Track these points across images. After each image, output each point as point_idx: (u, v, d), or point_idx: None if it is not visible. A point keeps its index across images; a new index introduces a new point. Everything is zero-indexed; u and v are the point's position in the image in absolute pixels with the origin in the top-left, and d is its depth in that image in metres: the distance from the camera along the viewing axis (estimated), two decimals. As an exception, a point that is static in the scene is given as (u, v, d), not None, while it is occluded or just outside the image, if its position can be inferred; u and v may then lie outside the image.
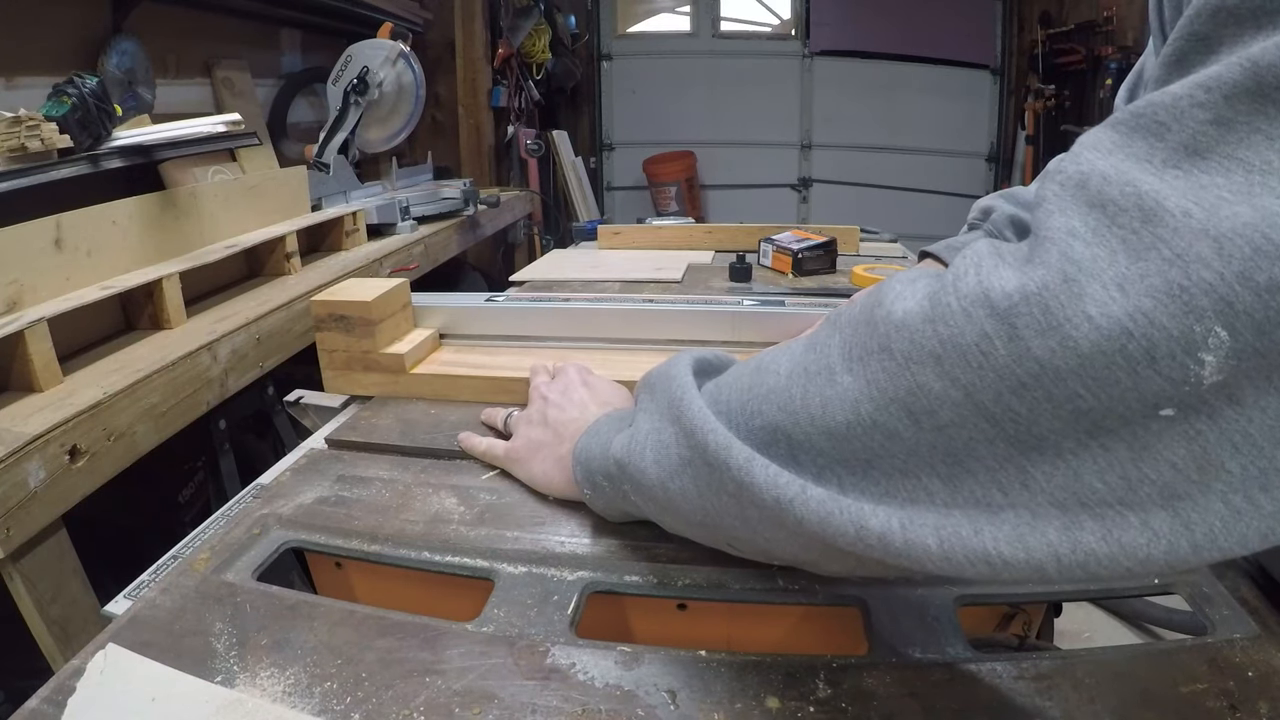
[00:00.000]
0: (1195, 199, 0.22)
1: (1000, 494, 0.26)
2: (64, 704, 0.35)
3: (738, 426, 0.33)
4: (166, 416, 0.91)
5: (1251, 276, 0.21)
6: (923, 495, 0.27)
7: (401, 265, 1.65)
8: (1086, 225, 0.24)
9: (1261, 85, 0.22)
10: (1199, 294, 0.21)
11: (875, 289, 0.31)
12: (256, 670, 0.38)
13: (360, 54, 1.71)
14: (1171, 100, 0.24)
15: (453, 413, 0.66)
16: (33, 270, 0.93)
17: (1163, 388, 0.22)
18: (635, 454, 0.39)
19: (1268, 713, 0.34)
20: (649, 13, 4.06)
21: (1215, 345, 0.21)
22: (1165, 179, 0.23)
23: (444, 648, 0.39)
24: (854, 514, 0.28)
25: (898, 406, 0.27)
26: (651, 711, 0.35)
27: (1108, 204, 0.24)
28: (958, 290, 0.26)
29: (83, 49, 1.37)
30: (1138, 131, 0.25)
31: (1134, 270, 0.23)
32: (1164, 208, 0.23)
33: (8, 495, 0.69)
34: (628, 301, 0.82)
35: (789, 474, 0.30)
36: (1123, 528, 0.24)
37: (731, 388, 0.35)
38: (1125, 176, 0.24)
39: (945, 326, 0.26)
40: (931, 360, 0.26)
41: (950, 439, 0.26)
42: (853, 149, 3.99)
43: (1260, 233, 0.21)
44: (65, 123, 1.05)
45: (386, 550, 0.48)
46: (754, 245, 1.23)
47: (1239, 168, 0.22)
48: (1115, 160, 0.25)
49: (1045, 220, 0.25)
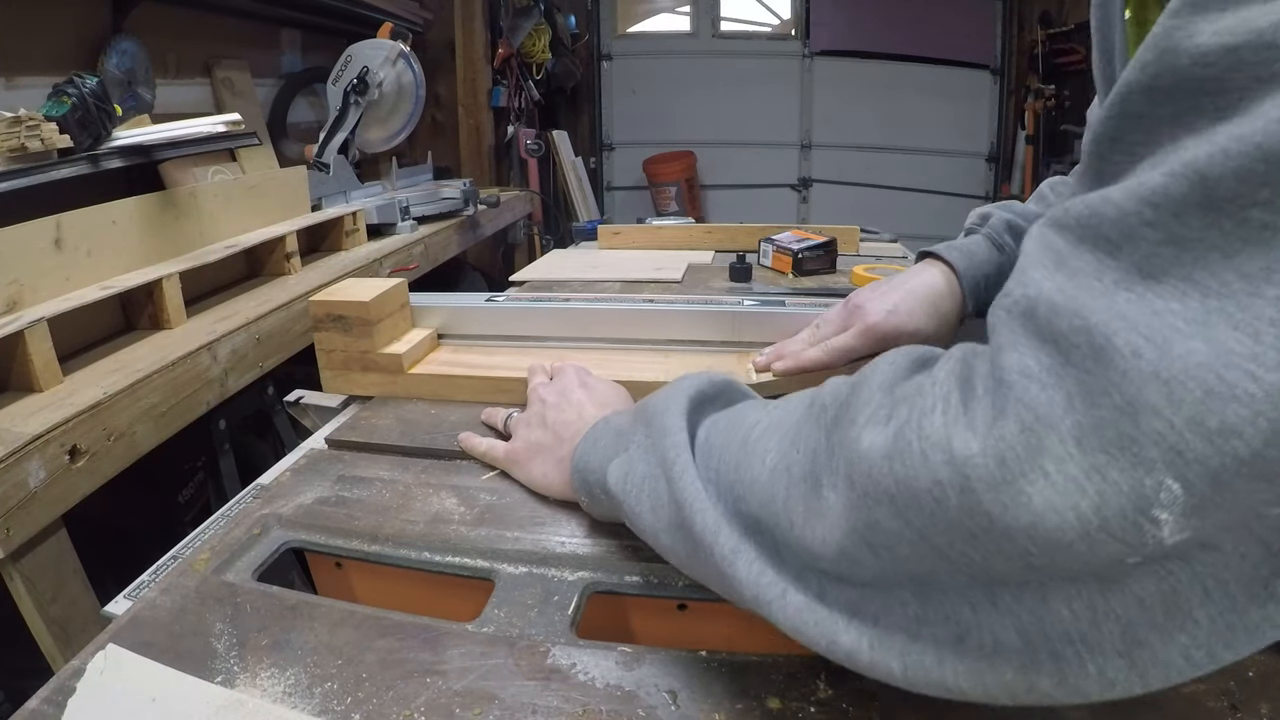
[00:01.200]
0: (1147, 333, 0.21)
1: (970, 610, 0.25)
2: (64, 704, 0.35)
3: (726, 502, 0.33)
4: (166, 416, 0.91)
5: (1203, 421, 0.20)
6: (897, 606, 0.27)
7: (401, 265, 1.65)
8: (1040, 364, 0.23)
9: (1211, 198, 0.21)
10: (1148, 445, 0.20)
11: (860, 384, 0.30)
12: (257, 671, 0.38)
13: (360, 54, 1.71)
14: (1118, 215, 0.23)
15: (452, 413, 0.66)
16: (33, 270, 0.93)
17: (1117, 549, 0.21)
18: (630, 495, 0.39)
19: (1268, 713, 0.34)
20: (649, 13, 4.05)
21: (1169, 500, 0.20)
22: (1116, 305, 0.22)
23: (444, 648, 0.39)
24: (827, 628, 0.28)
25: (858, 538, 0.27)
26: (652, 712, 0.35)
27: (1059, 339, 0.23)
28: (921, 430, 0.25)
29: (83, 49, 1.37)
30: (1085, 244, 0.23)
31: (1089, 419, 0.21)
32: (1114, 345, 0.21)
33: (8, 495, 0.69)
34: (628, 301, 0.82)
35: (771, 573, 0.30)
36: (1079, 675, 0.23)
37: (721, 456, 0.35)
38: (1074, 304, 0.23)
39: (902, 466, 0.25)
40: (887, 499, 0.26)
41: (913, 568, 0.26)
42: (853, 149, 3.99)
43: (1214, 373, 0.20)
44: (65, 123, 1.04)
45: (387, 550, 0.48)
46: (754, 245, 1.23)
47: (1195, 291, 0.21)
48: (1061, 281, 0.23)
49: (1000, 357, 0.24)
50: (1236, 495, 0.20)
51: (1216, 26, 0.22)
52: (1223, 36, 0.22)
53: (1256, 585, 0.21)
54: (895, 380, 0.29)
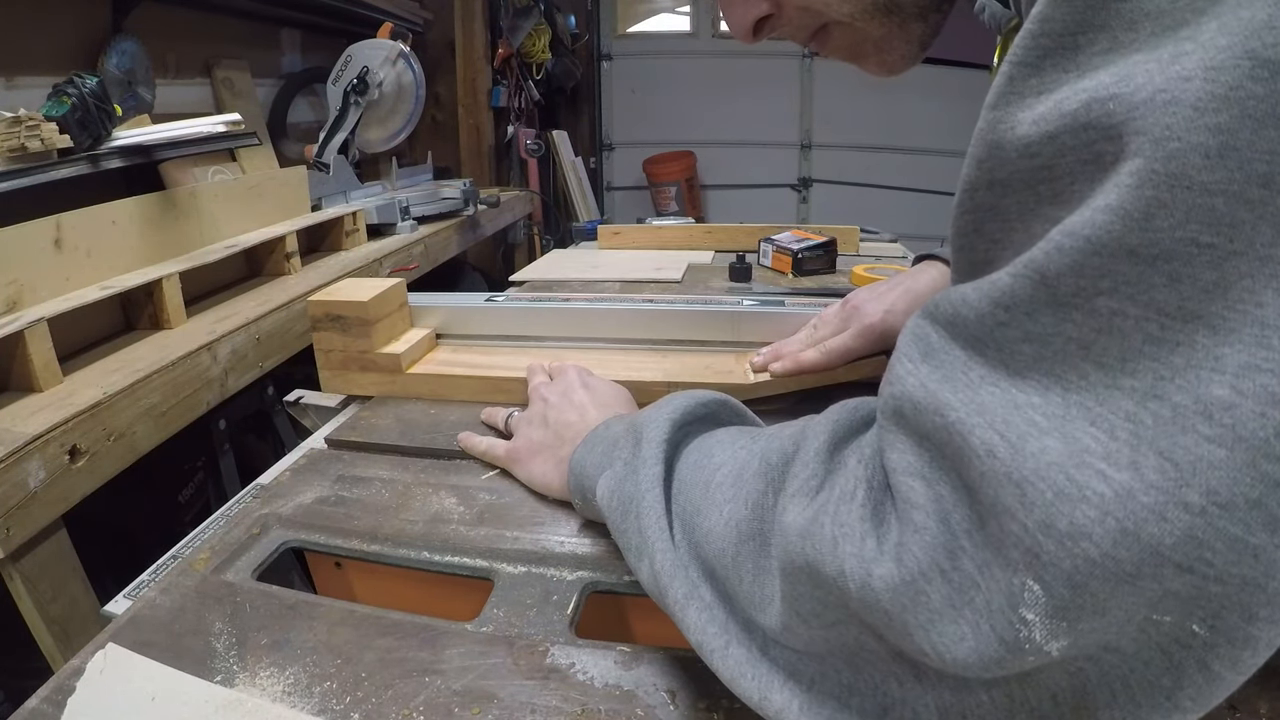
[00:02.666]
0: (1002, 429, 0.21)
1: (896, 685, 0.25)
2: (64, 704, 0.35)
3: (690, 544, 0.33)
4: (166, 416, 0.91)
5: (1053, 524, 0.19)
6: (831, 672, 0.27)
7: (401, 265, 1.65)
8: (921, 459, 0.23)
9: (1057, 296, 0.21)
10: (1010, 546, 0.20)
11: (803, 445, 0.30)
12: (256, 670, 0.38)
13: (360, 54, 1.71)
14: (976, 318, 0.23)
15: (452, 413, 0.66)
16: (33, 270, 0.93)
17: (1002, 655, 0.21)
18: (615, 513, 0.39)
19: (1267, 713, 0.34)
20: (649, 13, 4.05)
21: (1032, 600, 0.20)
22: (977, 399, 0.22)
23: (443, 647, 0.39)
24: (762, 684, 0.28)
25: (789, 605, 0.27)
26: (651, 711, 0.35)
27: (929, 436, 0.23)
28: (837, 514, 0.25)
29: (83, 49, 1.37)
30: (956, 340, 0.23)
31: (975, 514, 0.21)
32: (970, 446, 0.21)
33: (8, 495, 0.69)
34: (628, 301, 0.82)
35: (718, 623, 0.31)
36: None
37: (689, 496, 0.35)
38: (933, 402, 0.23)
39: (814, 549, 0.25)
40: (804, 574, 0.26)
41: (841, 636, 0.26)
42: (853, 149, 3.99)
43: (1064, 473, 0.19)
44: (65, 123, 1.04)
45: (386, 550, 0.48)
46: (754, 245, 1.23)
47: (1057, 386, 0.21)
48: (925, 375, 0.23)
49: (885, 457, 0.25)
50: (1098, 598, 0.19)
51: (1034, 115, 0.22)
52: (1041, 125, 0.22)
53: (1160, 695, 0.21)
54: (832, 446, 0.29)
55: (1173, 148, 0.19)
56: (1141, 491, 0.19)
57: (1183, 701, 0.20)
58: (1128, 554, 0.19)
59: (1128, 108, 0.20)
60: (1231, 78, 0.18)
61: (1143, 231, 0.19)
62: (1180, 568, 0.19)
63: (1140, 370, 0.20)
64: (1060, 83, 0.22)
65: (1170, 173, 0.19)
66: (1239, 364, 0.18)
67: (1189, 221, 0.19)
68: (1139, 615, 0.20)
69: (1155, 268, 0.19)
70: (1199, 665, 0.20)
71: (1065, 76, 0.22)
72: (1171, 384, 0.19)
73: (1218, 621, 0.19)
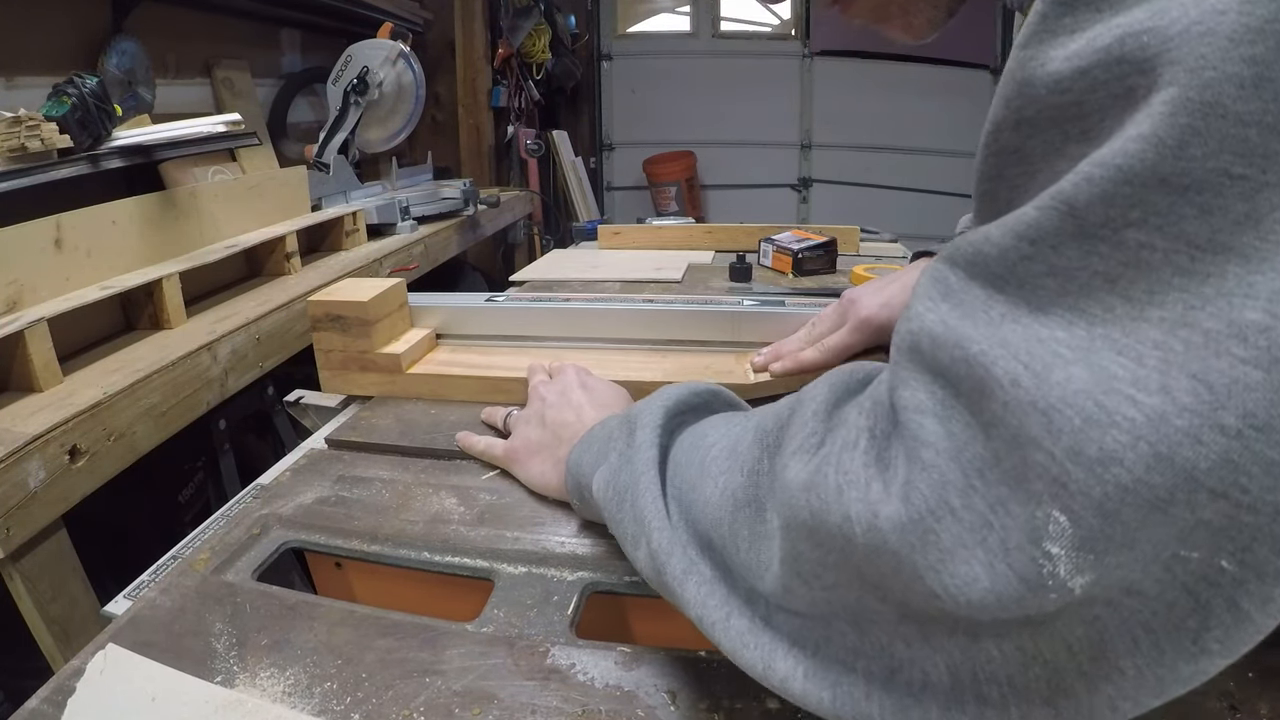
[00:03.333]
0: (1026, 359, 0.20)
1: (904, 646, 0.25)
2: (64, 704, 0.35)
3: (687, 520, 0.33)
4: (166, 416, 0.91)
5: (1082, 450, 0.19)
6: (836, 636, 0.26)
7: (401, 265, 1.65)
8: (934, 397, 0.22)
9: (1084, 227, 0.20)
10: (1033, 478, 0.20)
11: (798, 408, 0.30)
12: (256, 670, 0.38)
13: (360, 54, 1.71)
14: (999, 253, 0.22)
15: (452, 413, 0.66)
16: (33, 270, 0.93)
17: (1022, 594, 0.20)
18: (611, 504, 0.39)
19: (1268, 713, 0.34)
20: (649, 13, 4.05)
21: (1057, 534, 0.19)
22: (999, 334, 0.21)
23: (444, 648, 0.39)
24: (765, 653, 0.28)
25: (789, 567, 0.27)
26: (651, 712, 0.35)
27: (946, 372, 0.22)
28: (840, 463, 0.25)
29: (83, 49, 1.37)
30: (975, 280, 0.23)
31: (989, 451, 0.21)
32: (992, 376, 0.21)
33: (8, 495, 0.69)
34: (628, 301, 0.82)
35: (719, 595, 0.30)
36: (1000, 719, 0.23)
37: (684, 476, 0.35)
38: (954, 335, 0.22)
39: (818, 499, 0.25)
40: (806, 530, 0.25)
41: (843, 597, 0.25)
42: (853, 149, 3.99)
43: (1093, 399, 0.19)
44: (65, 123, 1.04)
45: (386, 550, 0.48)
46: (754, 245, 1.23)
47: (1081, 320, 0.20)
48: (945, 312, 0.23)
49: (896, 394, 0.24)
50: (1129, 528, 0.19)
51: (1067, 51, 0.22)
52: (1073, 60, 0.21)
53: (1185, 639, 0.20)
54: (831, 405, 0.29)
55: (1208, 77, 0.19)
56: (1175, 415, 0.18)
57: (1209, 644, 0.20)
58: (1161, 479, 0.18)
59: (1162, 40, 0.19)
60: (1267, 10, 0.18)
61: (1176, 160, 0.19)
62: (1214, 493, 0.18)
63: (1169, 302, 0.19)
64: (1094, 20, 0.21)
65: (1205, 101, 0.19)
66: (1273, 290, 0.18)
67: (1222, 152, 0.18)
68: (1166, 551, 0.19)
69: (1186, 199, 0.19)
70: (1227, 604, 0.19)
71: (1099, 15, 0.21)
72: (1202, 312, 0.19)
73: (1247, 555, 0.19)
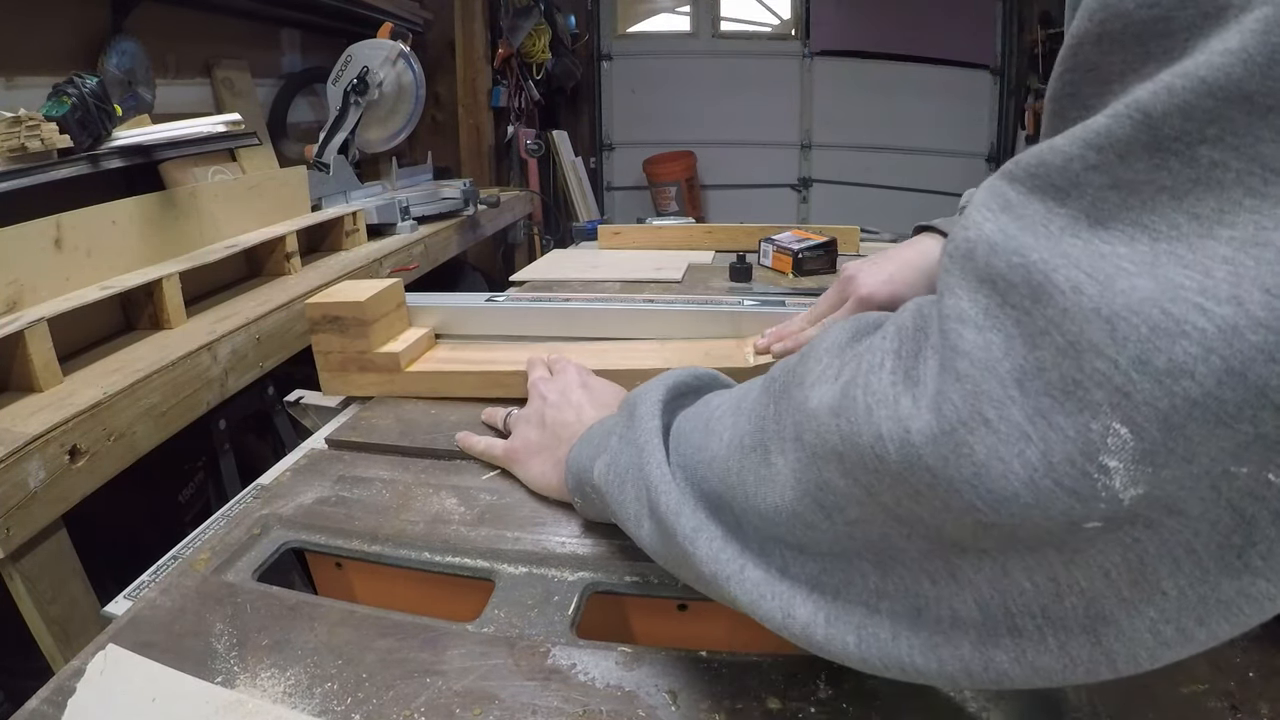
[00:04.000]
0: (1090, 270, 0.20)
1: (929, 583, 0.24)
2: (64, 704, 0.35)
3: (693, 484, 0.33)
4: (166, 416, 0.91)
5: (1149, 360, 0.18)
6: (857, 578, 0.26)
7: (401, 265, 1.65)
8: (977, 305, 0.22)
9: (1158, 139, 0.20)
10: (1092, 387, 0.19)
11: (809, 350, 0.30)
12: (257, 671, 0.38)
13: (360, 54, 1.71)
14: (1063, 162, 0.21)
15: (453, 413, 0.66)
16: (33, 270, 0.93)
17: (1070, 505, 0.20)
18: (613, 486, 0.39)
19: (1269, 713, 0.34)
20: (649, 13, 4.05)
21: (1116, 446, 0.19)
22: (1059, 247, 0.21)
23: (444, 648, 0.39)
24: (784, 602, 0.27)
25: (810, 500, 0.26)
26: (652, 712, 0.35)
27: (996, 279, 0.22)
28: (868, 385, 0.24)
29: (83, 49, 1.37)
30: (1035, 193, 0.22)
31: (1031, 361, 0.20)
32: (1052, 283, 0.20)
33: (8, 495, 0.68)
34: (628, 301, 0.82)
35: (732, 549, 0.30)
36: (1038, 651, 0.22)
37: (688, 441, 0.35)
38: (1013, 244, 0.21)
39: (848, 422, 0.24)
40: (834, 457, 0.25)
41: (866, 533, 0.25)
42: (853, 149, 3.99)
43: (1159, 307, 0.18)
44: (65, 123, 1.04)
45: (387, 551, 0.48)
46: (754, 245, 1.23)
47: (1144, 235, 0.20)
48: (1004, 223, 0.22)
49: (940, 304, 0.23)
50: (1192, 442, 0.18)
51: None
52: None
53: (1229, 555, 0.20)
54: (845, 342, 0.29)
55: None
56: (1249, 329, 0.18)
57: (1253, 560, 0.20)
58: (1231, 395, 0.18)
59: None
60: None
61: (1263, 79, 0.18)
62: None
63: (1240, 222, 0.19)
64: None
65: None
66: None
67: None
68: (1218, 467, 0.19)
69: (1267, 121, 0.18)
70: (1273, 518, 0.19)
71: None
72: (1275, 232, 0.18)
73: None
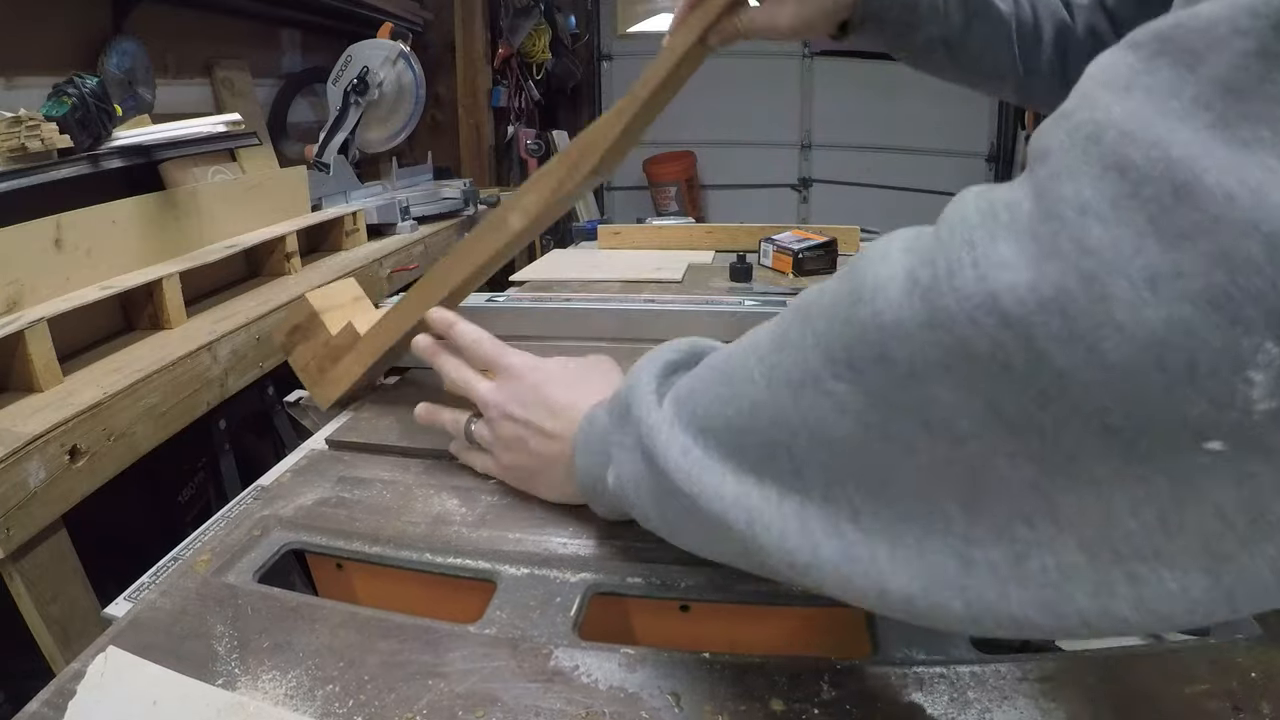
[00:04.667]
0: (1239, 175, 0.18)
1: (1026, 527, 0.23)
2: (64, 707, 0.35)
3: (728, 449, 0.30)
4: (166, 416, 0.91)
5: None
6: (940, 522, 0.24)
7: (401, 265, 1.65)
8: (1103, 196, 0.20)
9: None
10: (1246, 303, 0.18)
11: (846, 274, 0.27)
12: (258, 673, 0.38)
13: (360, 54, 1.71)
14: (1207, 24, 0.19)
15: (454, 413, 0.66)
16: (33, 270, 0.93)
17: (1205, 411, 0.19)
18: (633, 498, 0.38)
19: (1270, 713, 0.34)
20: (649, 13, 4.05)
21: (1265, 362, 0.18)
22: (1200, 138, 0.19)
23: (446, 650, 0.39)
24: (874, 577, 0.26)
25: (909, 416, 0.24)
26: (655, 714, 0.35)
27: (1129, 168, 0.19)
28: (955, 289, 0.22)
29: (83, 49, 1.37)
30: (1162, 57, 0.20)
31: (1166, 262, 0.19)
32: (1202, 184, 0.18)
33: (8, 495, 0.68)
34: (628, 301, 0.82)
35: (797, 536, 0.27)
36: (1158, 594, 0.21)
37: (708, 404, 0.32)
38: (1151, 133, 0.19)
39: (949, 335, 0.22)
40: (940, 370, 0.23)
41: (969, 454, 0.23)
42: (853, 149, 3.99)
43: None
44: (65, 123, 1.04)
45: (388, 552, 0.48)
46: (754, 245, 1.23)
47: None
48: (1135, 105, 0.20)
49: (1051, 185, 0.21)
50: None
51: None
52: None
53: None
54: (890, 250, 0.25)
55: None
56: None
57: None
58: None
59: None
60: None
61: None
62: None
63: None
64: None
65: None
66: None
67: None
68: None
69: None
70: None
71: None
72: None
73: None
